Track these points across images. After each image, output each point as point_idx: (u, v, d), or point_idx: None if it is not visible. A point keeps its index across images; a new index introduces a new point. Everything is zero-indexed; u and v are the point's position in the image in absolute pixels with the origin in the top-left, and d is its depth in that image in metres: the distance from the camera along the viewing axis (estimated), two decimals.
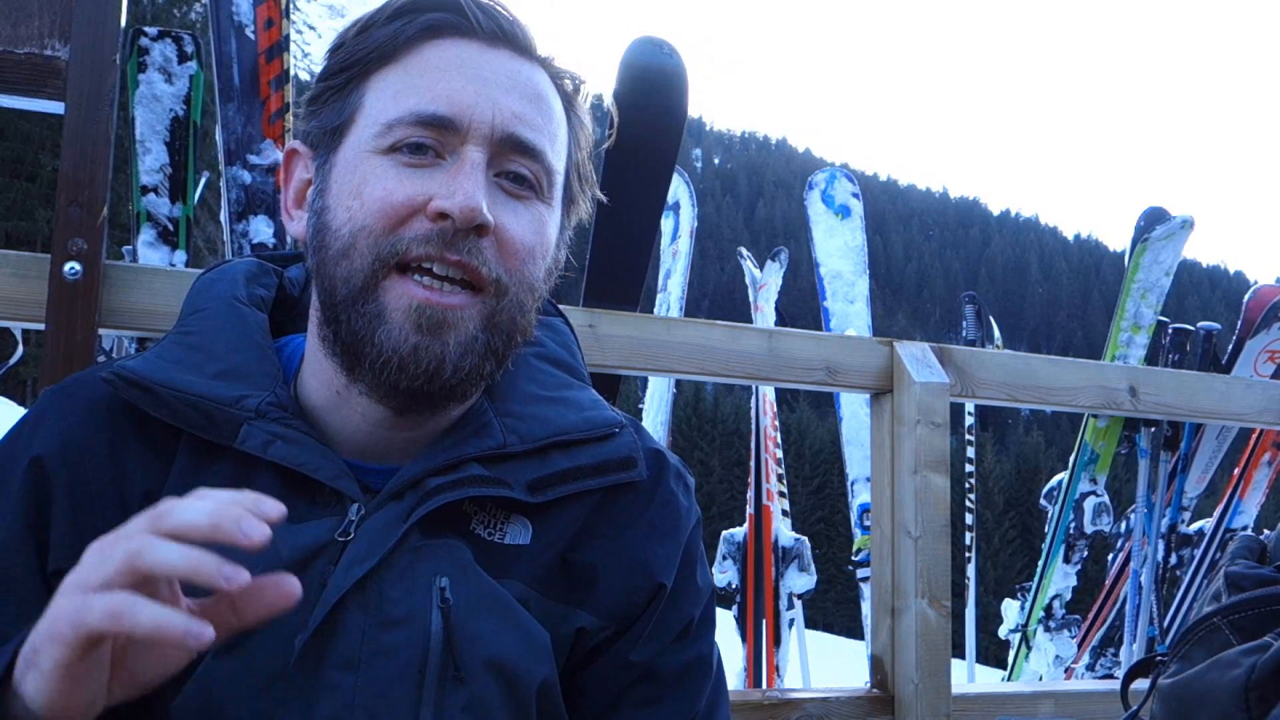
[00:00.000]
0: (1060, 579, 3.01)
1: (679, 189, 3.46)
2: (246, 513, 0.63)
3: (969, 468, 4.93)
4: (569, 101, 0.92)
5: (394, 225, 0.81)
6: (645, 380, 3.54)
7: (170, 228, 1.77)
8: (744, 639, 3.48)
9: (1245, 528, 3.08)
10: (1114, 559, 3.30)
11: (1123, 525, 3.16)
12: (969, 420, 4.87)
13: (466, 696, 0.80)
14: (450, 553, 0.83)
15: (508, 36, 0.87)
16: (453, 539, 0.84)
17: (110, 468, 0.85)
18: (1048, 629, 3.00)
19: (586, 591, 0.88)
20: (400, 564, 0.82)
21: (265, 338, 0.91)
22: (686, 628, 0.93)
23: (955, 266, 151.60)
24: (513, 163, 0.85)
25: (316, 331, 0.88)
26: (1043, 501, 3.13)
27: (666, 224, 3.51)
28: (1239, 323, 2.96)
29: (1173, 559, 3.02)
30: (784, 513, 3.61)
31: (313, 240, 0.86)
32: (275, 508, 0.65)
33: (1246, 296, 2.99)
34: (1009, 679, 3.13)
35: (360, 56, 0.86)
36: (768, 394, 3.62)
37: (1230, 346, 2.96)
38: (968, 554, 4.77)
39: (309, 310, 0.92)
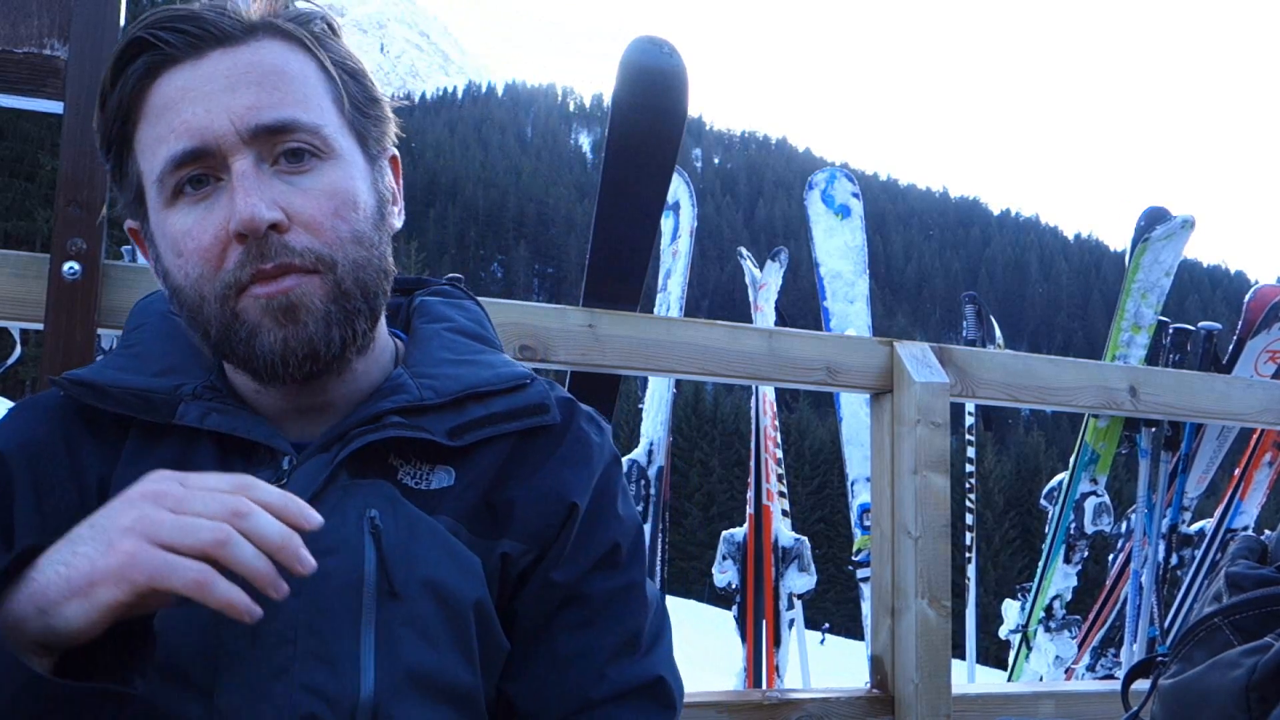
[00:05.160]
0: (1061, 579, 3.01)
1: (679, 189, 3.46)
2: (301, 545, 0.72)
3: (969, 468, 4.93)
4: (308, 45, 0.91)
5: (218, 261, 0.85)
6: (645, 380, 3.54)
7: None
8: (744, 639, 3.47)
9: (1246, 528, 3.08)
10: (1114, 559, 3.30)
11: (1123, 525, 3.16)
12: (970, 420, 4.87)
13: (406, 611, 0.85)
14: (378, 490, 0.88)
15: (204, 38, 0.87)
16: (380, 480, 0.89)
17: (67, 460, 0.91)
18: (1048, 629, 3.00)
19: (506, 523, 0.92)
20: (331, 500, 0.86)
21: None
22: (612, 553, 0.95)
23: (955, 266, 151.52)
24: (278, 145, 0.86)
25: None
26: (1043, 502, 3.13)
27: (666, 224, 3.50)
28: (1239, 323, 2.96)
29: (1173, 559, 3.02)
30: (784, 513, 3.61)
31: (172, 302, 0.91)
32: (314, 519, 0.73)
33: (1247, 296, 2.99)
34: (1009, 679, 3.13)
35: (112, 130, 0.90)
36: (768, 394, 3.62)
37: (1231, 346, 2.96)
38: (968, 554, 4.76)
39: None
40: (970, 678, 4.60)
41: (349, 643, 0.83)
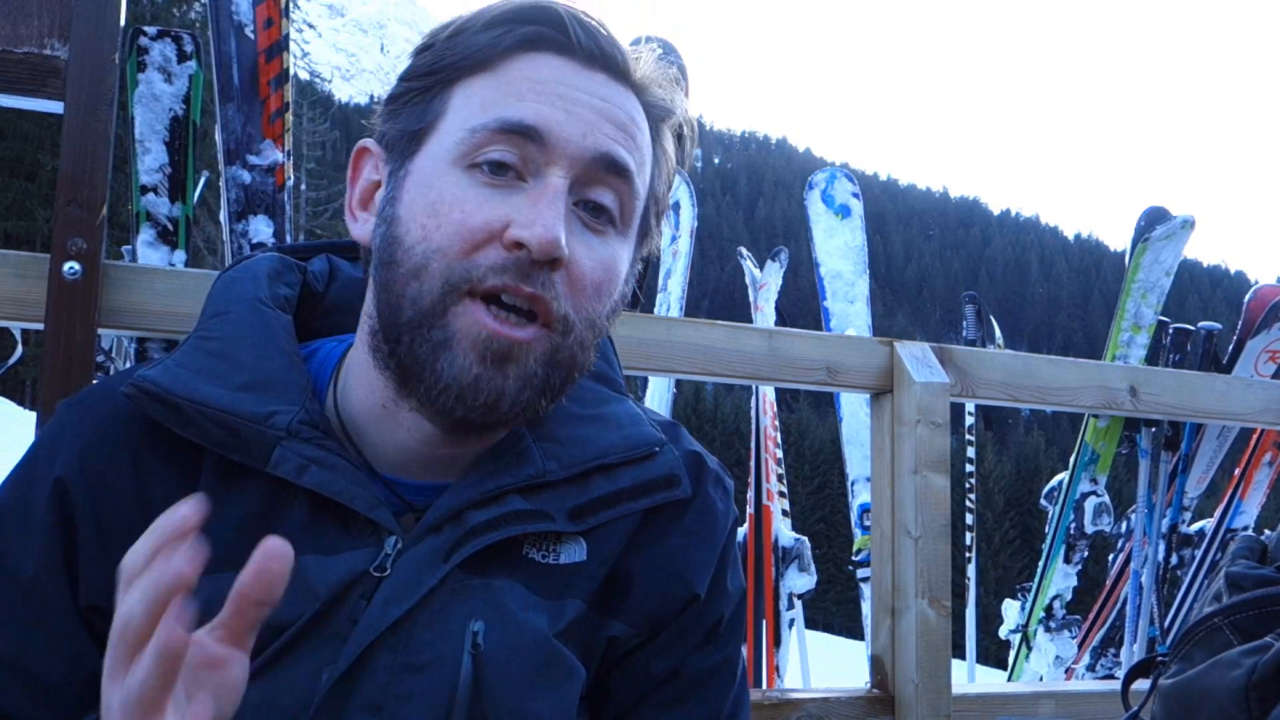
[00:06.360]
0: (1061, 579, 3.01)
1: (679, 189, 3.46)
2: (170, 576, 0.58)
3: (969, 468, 4.93)
4: (656, 132, 0.89)
5: (469, 250, 0.77)
6: (645, 380, 3.54)
7: (170, 227, 1.77)
8: (744, 639, 3.47)
9: (1246, 528, 3.08)
10: (1114, 559, 3.30)
11: (1123, 525, 3.16)
12: (970, 420, 4.87)
13: None
14: (489, 594, 0.81)
15: (606, 58, 0.83)
16: (497, 577, 0.82)
17: (134, 486, 0.81)
18: (1048, 629, 3.00)
19: (621, 600, 0.87)
20: (435, 604, 0.79)
21: (292, 343, 0.87)
22: (714, 628, 0.91)
23: (955, 266, 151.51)
24: (595, 190, 0.82)
25: (368, 342, 0.84)
26: (1043, 502, 3.13)
27: (666, 224, 3.50)
28: (1239, 323, 2.96)
29: (1173, 559, 3.02)
30: (784, 513, 3.61)
31: (380, 251, 0.82)
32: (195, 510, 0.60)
33: (1247, 296, 2.98)
34: (1009, 679, 3.13)
35: (450, 61, 0.82)
36: (768, 394, 3.62)
37: (1231, 346, 2.96)
38: (968, 554, 4.76)
39: (347, 311, 0.90)
40: (970, 678, 4.60)
41: None
